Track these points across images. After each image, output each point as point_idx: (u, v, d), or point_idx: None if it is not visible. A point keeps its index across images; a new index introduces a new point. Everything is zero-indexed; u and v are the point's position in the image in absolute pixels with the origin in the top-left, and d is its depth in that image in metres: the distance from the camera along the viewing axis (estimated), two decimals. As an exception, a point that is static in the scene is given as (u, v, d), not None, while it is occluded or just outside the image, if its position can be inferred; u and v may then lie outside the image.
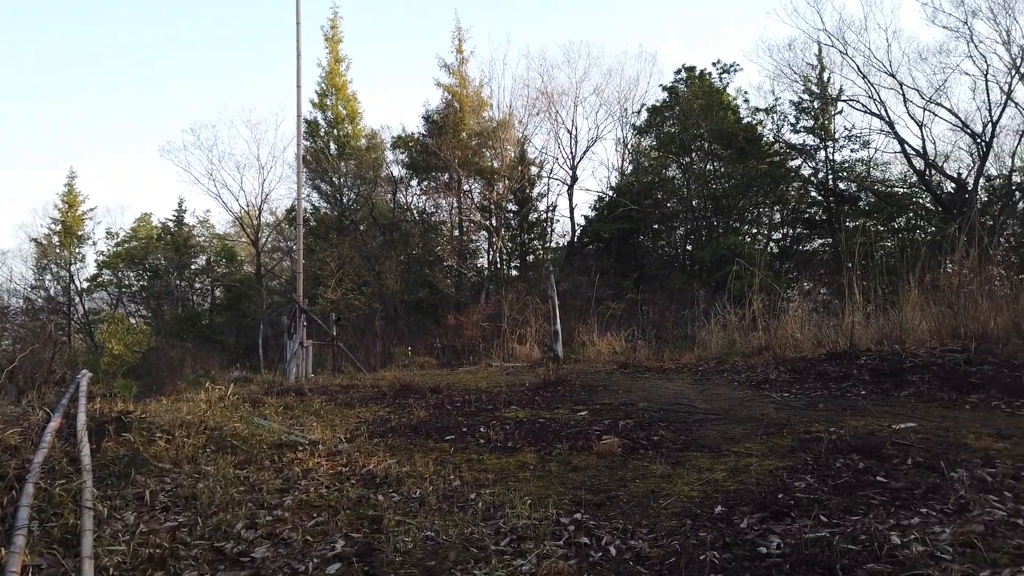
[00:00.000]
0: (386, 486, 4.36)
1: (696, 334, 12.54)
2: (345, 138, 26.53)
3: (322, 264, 22.29)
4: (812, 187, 23.79)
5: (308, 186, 27.43)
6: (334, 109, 26.71)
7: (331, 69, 26.57)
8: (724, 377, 8.44)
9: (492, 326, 17.50)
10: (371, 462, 4.90)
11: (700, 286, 19.74)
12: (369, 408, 7.61)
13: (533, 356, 13.35)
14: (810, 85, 23.80)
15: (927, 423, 5.47)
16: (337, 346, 12.19)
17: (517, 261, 26.62)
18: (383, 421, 6.73)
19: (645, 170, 25.23)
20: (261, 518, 3.78)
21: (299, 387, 9.64)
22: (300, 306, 11.95)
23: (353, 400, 8.37)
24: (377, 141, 27.13)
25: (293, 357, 11.37)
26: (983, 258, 9.18)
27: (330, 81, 26.58)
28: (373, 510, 3.87)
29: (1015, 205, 20.61)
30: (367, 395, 8.84)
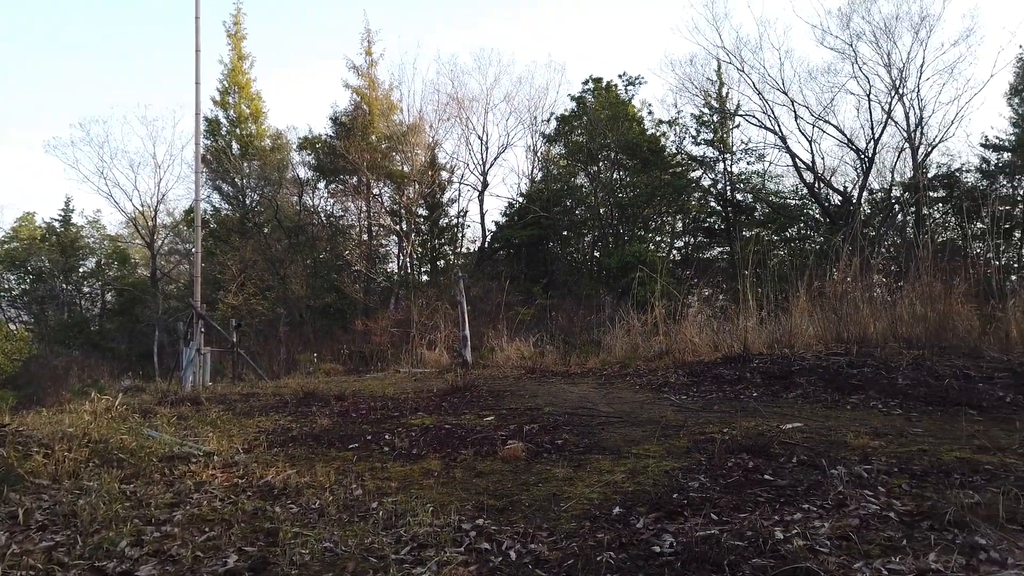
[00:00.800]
0: (284, 497, 4.24)
1: (602, 339, 12.82)
2: (248, 138, 25.65)
3: (223, 268, 21.45)
4: (711, 197, 24.83)
5: (208, 187, 26.41)
6: (237, 108, 25.80)
7: (234, 66, 25.67)
8: (627, 381, 8.67)
9: (401, 332, 17.33)
10: (269, 473, 4.75)
11: (607, 292, 20.22)
12: (270, 417, 7.38)
13: (442, 362, 13.30)
14: (710, 100, 24.86)
15: (812, 423, 5.80)
16: (238, 353, 11.77)
17: (427, 266, 26.50)
18: (284, 430, 6.54)
19: (554, 178, 25.65)
20: (148, 534, 3.60)
21: (195, 396, 9.23)
22: (198, 311, 11.46)
23: (253, 409, 8.10)
24: (282, 142, 26.42)
25: (190, 365, 10.89)
26: (865, 267, 9.81)
27: (232, 79, 25.66)
28: (269, 522, 3.76)
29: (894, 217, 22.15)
30: (268, 403, 8.58)
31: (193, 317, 11.45)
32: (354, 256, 23.35)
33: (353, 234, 25.59)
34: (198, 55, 11.88)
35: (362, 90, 24.42)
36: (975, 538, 3.01)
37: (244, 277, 21.08)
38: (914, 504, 3.52)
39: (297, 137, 25.37)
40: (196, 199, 12.70)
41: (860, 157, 22.42)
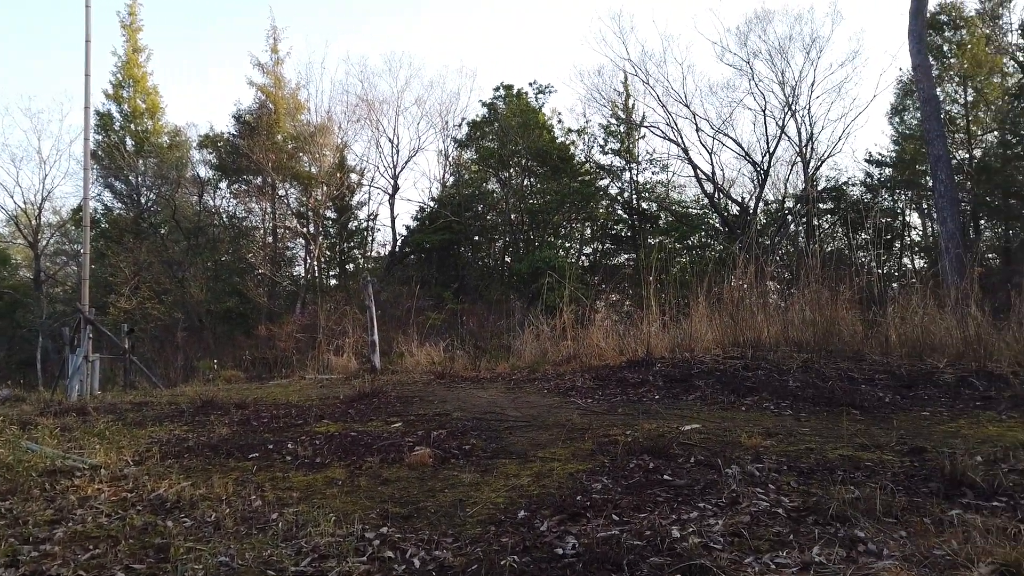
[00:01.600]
0: (177, 511, 4.05)
1: (512, 344, 12.92)
2: (144, 134, 24.39)
3: (115, 270, 20.27)
4: (618, 206, 25.46)
5: (99, 184, 24.97)
6: (131, 102, 24.50)
7: (129, 59, 24.37)
8: (535, 385, 8.77)
9: (308, 337, 16.91)
10: (162, 486, 4.53)
11: (517, 297, 20.39)
12: (164, 427, 7.05)
13: (350, 368, 13.06)
14: (617, 110, 25.53)
15: (709, 424, 6.03)
16: (130, 360, 11.15)
17: (336, 270, 25.96)
18: (179, 440, 6.26)
19: (466, 183, 25.69)
20: (25, 554, 3.36)
21: (82, 406, 8.69)
22: (85, 316, 10.79)
23: (146, 419, 7.71)
24: (182, 139, 25.30)
25: (76, 373, 10.23)
26: (759, 274, 10.29)
27: (127, 72, 24.36)
28: (160, 538, 3.58)
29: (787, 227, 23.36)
30: (163, 413, 8.19)
31: (80, 322, 10.77)
32: (258, 259, 22.59)
33: (257, 236, 24.75)
34: (88, 45, 11.23)
35: (267, 88, 23.70)
36: (855, 531, 3.20)
37: (138, 280, 20.01)
38: (801, 500, 3.72)
39: (198, 135, 24.41)
40: (85, 197, 11.95)
41: (756, 169, 23.59)
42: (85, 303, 11.07)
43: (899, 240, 24.66)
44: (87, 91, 11.32)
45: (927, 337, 9.08)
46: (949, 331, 9.08)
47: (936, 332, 9.12)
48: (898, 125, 24.25)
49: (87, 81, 11.23)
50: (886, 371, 8.14)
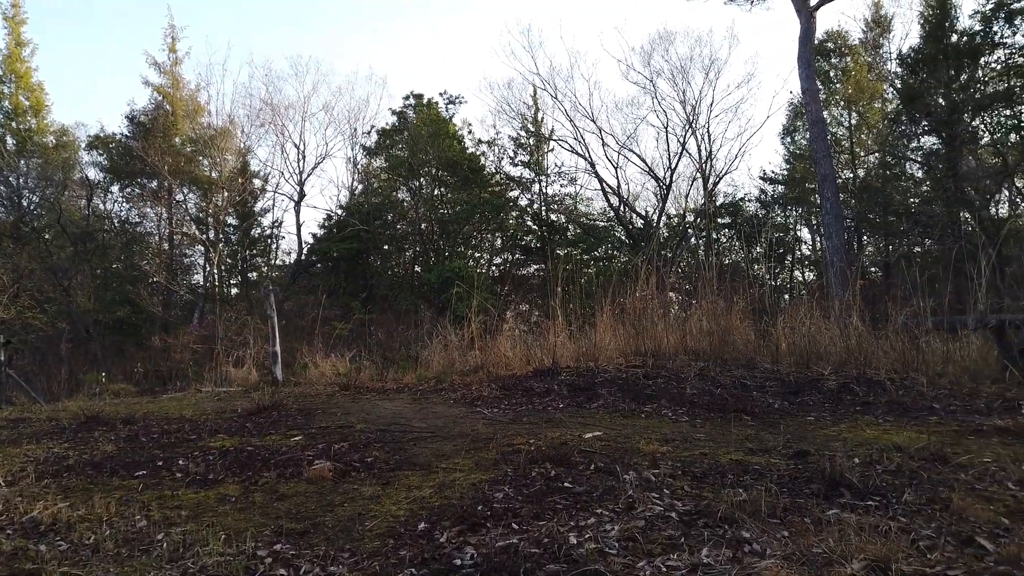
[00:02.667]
0: (52, 534, 3.80)
1: (419, 354, 12.81)
2: (27, 133, 22.81)
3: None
4: (528, 217, 25.77)
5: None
6: (13, 99, 22.87)
7: (11, 53, 22.77)
8: (442, 396, 8.73)
9: (205, 348, 16.21)
10: (36, 508, 4.23)
11: (427, 307, 20.26)
12: (42, 444, 6.59)
13: (250, 380, 12.60)
14: (526, 123, 25.88)
15: (611, 431, 6.17)
16: (6, 374, 10.36)
17: (237, 279, 25.04)
18: (58, 459, 5.87)
19: (375, 191, 25.37)
20: None
21: (-52, 424, 8.00)
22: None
23: (21, 436, 7.19)
24: (69, 139, 23.80)
25: (-58, 388, 9.43)
26: (660, 285, 10.63)
27: (9, 66, 22.74)
28: (32, 563, 3.35)
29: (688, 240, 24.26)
30: (41, 429, 7.65)
31: (-52, 333, 9.94)
32: (153, 266, 21.48)
33: (152, 243, 23.57)
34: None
35: (165, 89, 22.65)
36: (741, 532, 3.35)
37: (18, 288, 18.64)
38: (693, 504, 3.85)
39: (87, 135, 23.02)
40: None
41: (659, 184, 24.44)
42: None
43: (791, 254, 26.06)
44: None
45: (813, 346, 9.60)
46: (833, 340, 9.64)
47: (822, 341, 9.67)
48: (789, 145, 25.75)
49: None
50: (776, 378, 8.57)
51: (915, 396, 7.26)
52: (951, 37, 19.57)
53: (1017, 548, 2.97)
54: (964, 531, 3.28)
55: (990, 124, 18.87)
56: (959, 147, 18.34)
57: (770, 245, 19.05)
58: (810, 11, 18.15)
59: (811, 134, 17.81)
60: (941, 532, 3.26)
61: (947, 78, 18.58)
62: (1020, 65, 18.13)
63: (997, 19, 18.26)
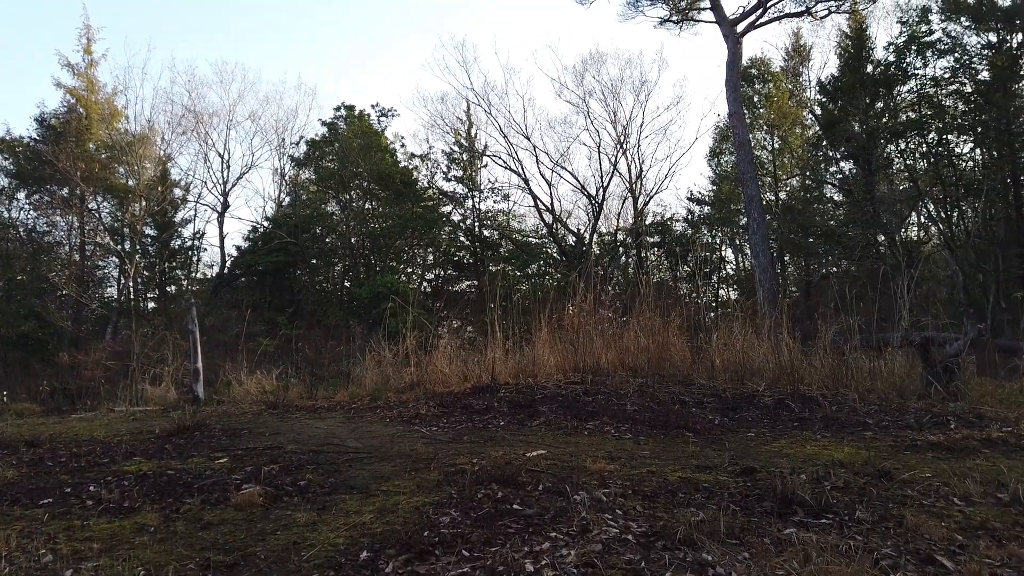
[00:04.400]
0: (-60, 575, 3.36)
1: (351, 371, 12.40)
2: (-76, 134, 21.24)
3: None
4: (461, 232, 25.60)
5: None
6: (-93, 95, 21.27)
7: (-96, 46, 21.19)
8: (377, 414, 8.40)
9: (120, 365, 15.30)
10: (-80, 545, 3.75)
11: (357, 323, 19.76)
12: (-71, 473, 5.95)
13: (169, 398, 11.90)
14: (460, 138, 25.78)
15: (555, 449, 6.02)
16: None
17: (155, 292, 23.87)
18: (-51, 488, 5.29)
19: (304, 203, 24.71)
20: None
21: None
22: None
23: (-95, 463, 6.50)
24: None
25: None
26: (597, 303, 10.61)
27: (-97, 60, 21.16)
28: (-87, 612, 2.93)
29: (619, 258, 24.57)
30: (-70, 455, 6.95)
31: None
32: (62, 278, 20.20)
33: (62, 253, 22.18)
34: None
35: (78, 92, 21.43)
36: (702, 555, 3.23)
37: (-92, 300, 17.21)
38: (648, 525, 3.73)
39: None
40: None
41: (591, 202, 24.72)
42: None
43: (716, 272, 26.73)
44: None
45: (747, 363, 9.73)
46: (766, 357, 9.80)
47: (755, 358, 9.81)
48: (716, 167, 26.52)
49: None
50: (713, 394, 8.62)
51: (848, 411, 7.40)
52: (867, 67, 20.58)
53: (977, 566, 2.95)
54: (922, 549, 3.26)
55: (903, 151, 19.91)
56: (875, 172, 19.25)
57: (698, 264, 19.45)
58: (736, 37, 18.75)
59: (738, 156, 18.34)
60: (900, 551, 3.23)
61: (864, 106, 19.51)
62: (930, 95, 19.22)
63: (909, 51, 19.32)
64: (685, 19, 20.66)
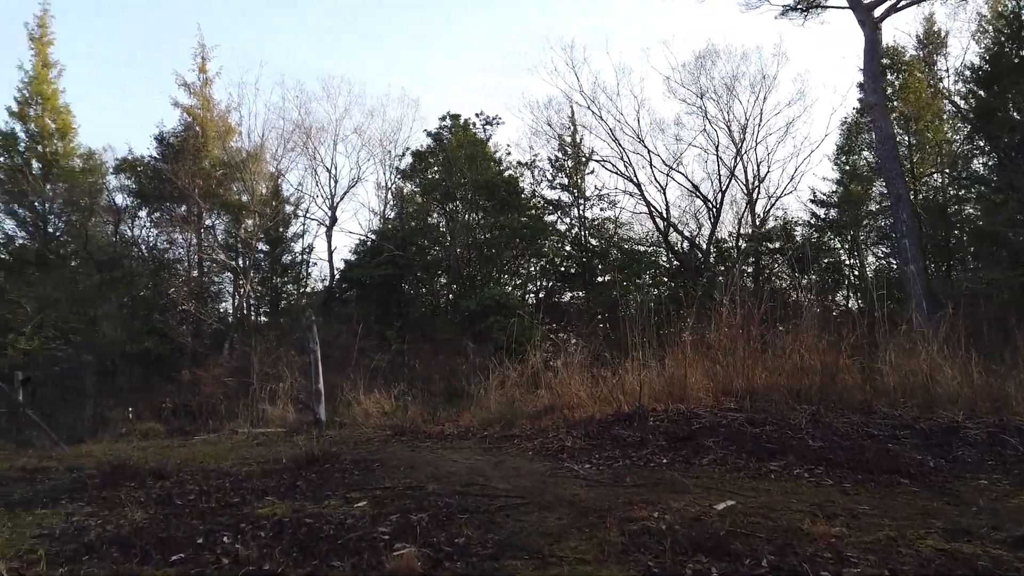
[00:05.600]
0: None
1: (470, 390, 11.73)
2: (54, 156, 22.20)
3: (15, 307, 18.05)
4: (567, 242, 24.73)
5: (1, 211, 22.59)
6: (39, 121, 22.30)
7: (38, 74, 22.23)
8: (516, 445, 7.61)
9: (238, 382, 15.26)
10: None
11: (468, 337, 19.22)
12: (59, 509, 5.56)
13: (289, 419, 11.57)
14: (564, 144, 24.94)
15: (744, 499, 5.04)
16: (24, 414, 9.42)
17: (267, 307, 24.20)
18: (78, 532, 4.84)
19: (410, 215, 24.50)
20: None
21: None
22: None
23: (38, 495, 6.19)
24: (96, 163, 23.19)
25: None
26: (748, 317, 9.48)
27: (35, 88, 22.20)
28: None
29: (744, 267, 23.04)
30: (60, 484, 6.66)
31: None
32: (181, 295, 20.67)
33: (180, 269, 22.80)
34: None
35: (195, 110, 22.00)
36: None
37: (42, 318, 17.86)
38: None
39: (115, 158, 22.38)
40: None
41: (708, 207, 23.30)
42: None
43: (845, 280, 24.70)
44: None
45: (933, 385, 8.38)
46: (954, 379, 8.42)
47: (941, 380, 8.44)
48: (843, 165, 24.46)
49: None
50: (904, 426, 7.37)
51: (1096, 451, 6.04)
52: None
53: None
54: None
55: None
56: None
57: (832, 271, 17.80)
58: (874, 22, 17.11)
59: (880, 152, 16.67)
60: None
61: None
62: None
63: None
64: (812, 6, 19.12)
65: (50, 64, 22.45)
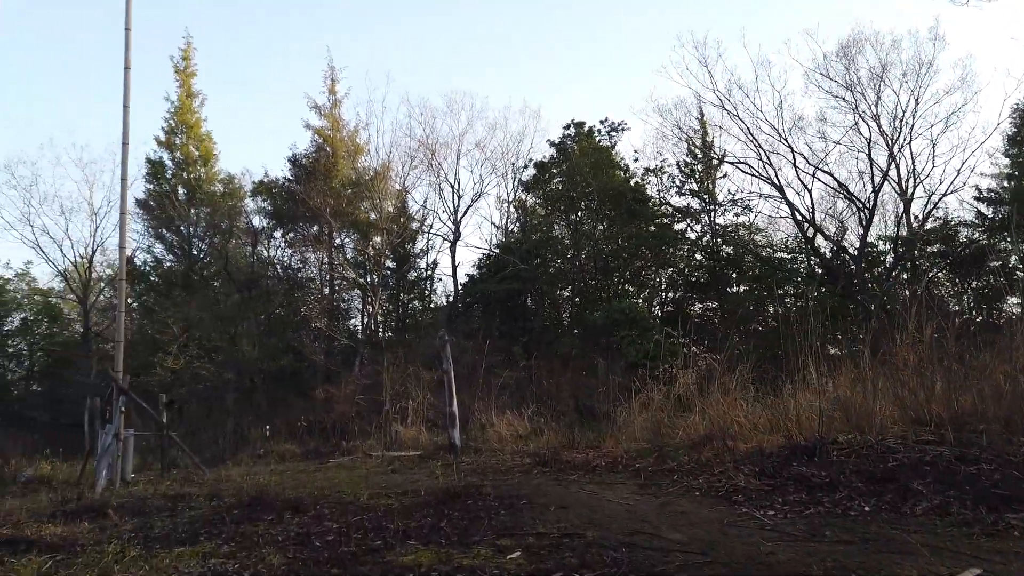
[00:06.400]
0: None
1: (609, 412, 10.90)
2: (197, 182, 23.40)
3: (163, 326, 18.94)
4: (698, 250, 23.38)
5: (150, 235, 24.02)
6: (184, 149, 23.60)
7: (182, 104, 23.56)
8: (676, 482, 6.72)
9: (368, 399, 15.16)
10: None
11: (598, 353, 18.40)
12: (197, 548, 5.24)
13: (422, 441, 11.21)
14: (694, 148, 23.63)
15: (989, 565, 3.96)
16: (168, 436, 9.51)
17: (393, 323, 24.38)
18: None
19: (533, 228, 23.97)
20: None
21: (103, 503, 7.00)
22: (118, 384, 9.19)
23: (177, 528, 5.97)
24: (236, 187, 24.24)
25: (105, 455, 8.58)
26: (940, 333, 8.15)
27: (180, 117, 23.53)
28: None
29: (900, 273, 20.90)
30: (200, 516, 6.46)
31: (113, 391, 9.19)
32: (313, 312, 21.09)
33: (312, 288, 23.36)
34: (127, 73, 9.90)
35: (325, 131, 22.54)
36: None
37: (187, 337, 18.63)
38: None
39: (252, 181, 23.30)
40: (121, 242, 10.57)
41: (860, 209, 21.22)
42: (119, 368, 9.51)
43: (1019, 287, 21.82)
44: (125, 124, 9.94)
45: None
46: None
47: None
48: (1017, 158, 21.65)
49: (125, 113, 9.86)
50: None
51: None
52: None
53: None
54: None
55: None
56: None
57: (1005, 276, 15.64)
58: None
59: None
60: None
61: None
62: None
63: None
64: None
65: (193, 94, 23.76)
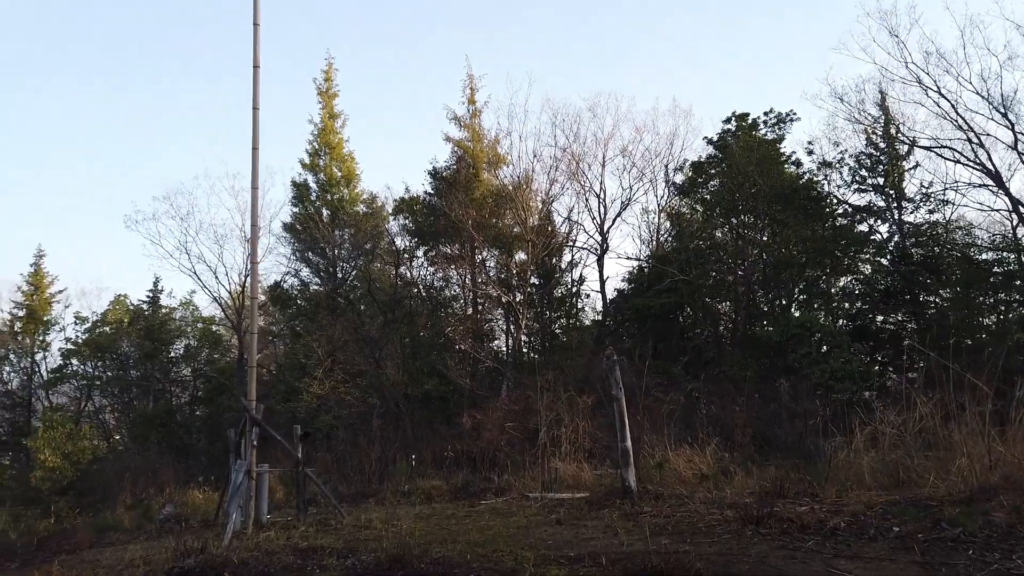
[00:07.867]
0: None
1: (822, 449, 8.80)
2: (340, 203, 23.21)
3: (309, 351, 18.59)
4: (886, 253, 20.23)
5: (296, 258, 24.10)
6: (327, 170, 23.51)
7: (325, 126, 23.50)
8: (976, 559, 4.64)
9: (518, 427, 13.76)
10: None
11: (772, 374, 16.06)
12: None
13: (584, 479, 9.58)
14: (875, 138, 20.57)
15: None
16: (304, 473, 8.52)
17: (540, 343, 22.94)
18: None
19: (690, 235, 21.74)
20: None
21: (225, 559, 5.91)
22: (251, 415, 8.29)
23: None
24: (377, 206, 23.85)
25: (235, 495, 7.64)
26: None
27: (323, 139, 23.47)
28: None
29: None
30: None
31: (245, 422, 8.31)
32: (457, 333, 20.13)
33: (456, 307, 22.48)
34: (256, 113, 9.12)
35: (464, 142, 21.67)
36: None
37: (332, 361, 18.14)
38: None
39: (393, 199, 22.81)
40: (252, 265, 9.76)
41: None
42: (252, 397, 8.65)
43: None
44: (255, 166, 8.99)
45: None
46: None
47: None
48: None
49: (255, 156, 8.97)
50: None
51: None
52: None
53: None
54: None
55: None
56: None
57: None
58: None
59: None
60: None
61: None
62: None
63: None
64: None
65: (335, 115, 23.69)
